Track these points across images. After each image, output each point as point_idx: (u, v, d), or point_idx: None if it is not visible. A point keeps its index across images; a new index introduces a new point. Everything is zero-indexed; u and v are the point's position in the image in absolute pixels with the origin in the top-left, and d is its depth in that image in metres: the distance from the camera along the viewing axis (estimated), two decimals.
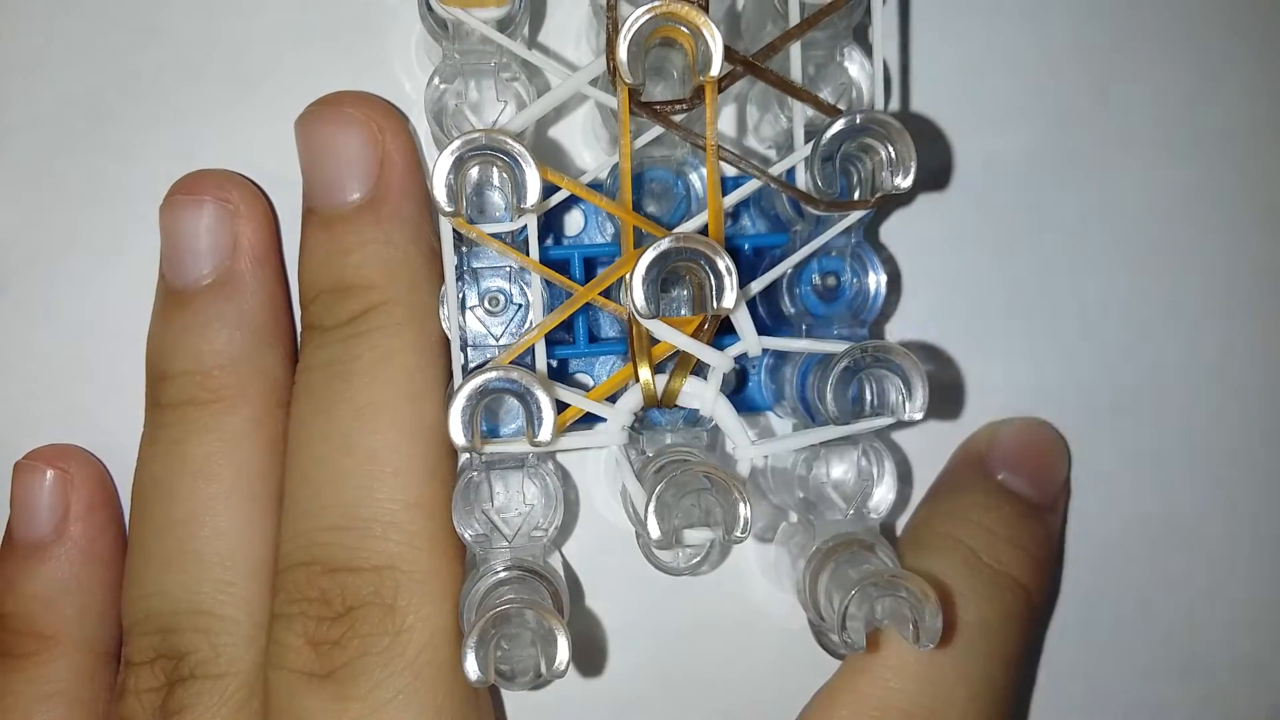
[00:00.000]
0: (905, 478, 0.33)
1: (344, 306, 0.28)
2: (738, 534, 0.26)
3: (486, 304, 0.28)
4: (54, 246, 0.32)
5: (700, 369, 0.28)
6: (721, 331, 0.28)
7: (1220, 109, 0.34)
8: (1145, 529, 0.35)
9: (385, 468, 0.28)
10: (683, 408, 0.28)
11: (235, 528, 0.29)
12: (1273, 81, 0.34)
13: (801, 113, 0.28)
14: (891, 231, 0.33)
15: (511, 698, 0.32)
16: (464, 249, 0.28)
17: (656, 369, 0.27)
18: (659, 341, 0.27)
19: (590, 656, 0.33)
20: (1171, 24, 0.34)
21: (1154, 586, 0.35)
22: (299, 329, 0.31)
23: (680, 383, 0.27)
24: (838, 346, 0.27)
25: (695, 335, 0.27)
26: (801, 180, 0.28)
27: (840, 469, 0.29)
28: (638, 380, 0.27)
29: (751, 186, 0.28)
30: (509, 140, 0.26)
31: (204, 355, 0.29)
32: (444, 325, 0.28)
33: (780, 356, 0.30)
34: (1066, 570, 0.35)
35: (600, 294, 0.27)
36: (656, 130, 0.27)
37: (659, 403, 0.27)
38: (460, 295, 0.28)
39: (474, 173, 0.27)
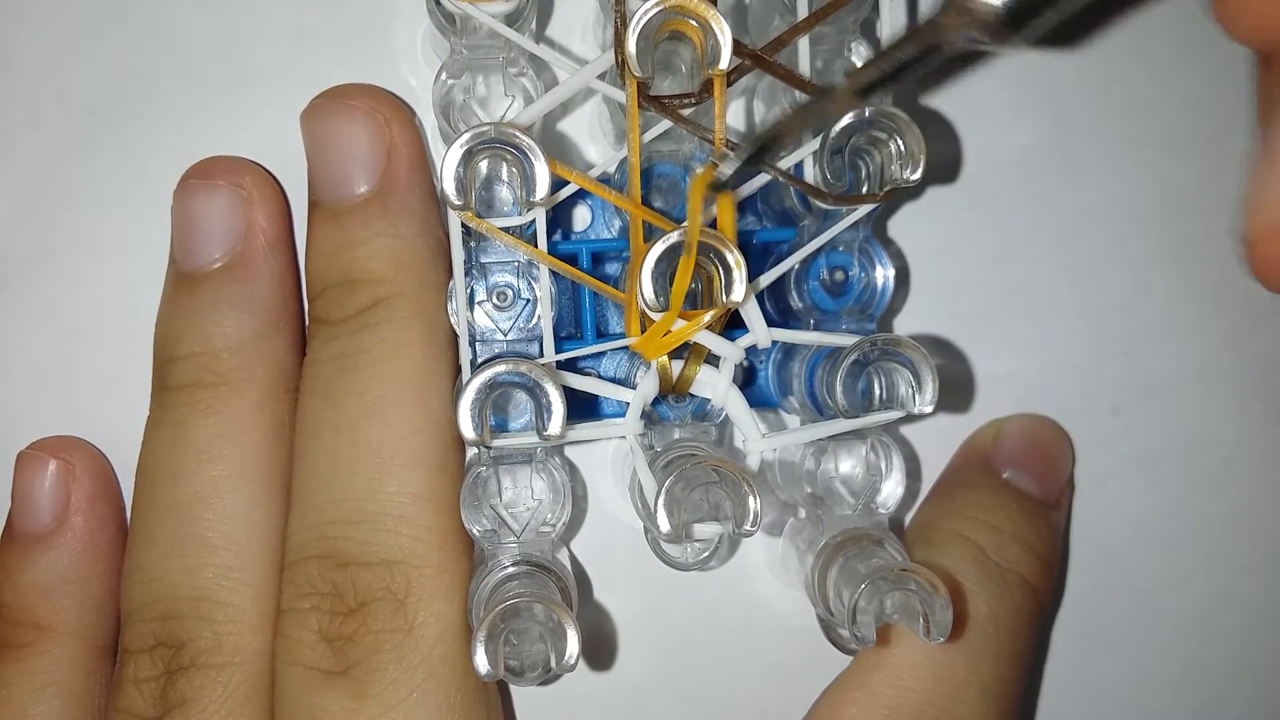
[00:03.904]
0: (914, 472, 0.34)
1: (352, 300, 0.28)
2: (747, 528, 0.26)
3: (495, 299, 0.28)
4: (54, 246, 0.32)
5: (711, 362, 0.28)
6: (731, 325, 0.28)
7: (1220, 109, 0.34)
8: (1146, 529, 0.35)
9: (394, 461, 0.28)
10: (693, 397, 0.28)
11: (240, 511, 0.29)
12: None
13: None
14: (900, 225, 0.33)
15: (519, 692, 0.32)
16: (472, 244, 0.28)
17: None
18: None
19: (598, 651, 0.33)
20: (1173, 23, 0.34)
21: (1155, 587, 0.35)
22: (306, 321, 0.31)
23: (695, 370, 0.27)
24: (846, 339, 0.27)
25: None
26: (810, 174, 0.28)
27: (849, 463, 0.29)
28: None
29: (760, 181, 0.28)
30: (518, 134, 0.26)
31: (212, 337, 0.29)
32: (452, 320, 0.28)
33: (788, 352, 0.30)
34: (1067, 571, 0.35)
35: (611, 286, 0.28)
36: (665, 124, 0.27)
37: (674, 389, 0.27)
38: (469, 290, 0.28)
39: (483, 167, 0.27)
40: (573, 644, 0.25)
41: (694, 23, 0.26)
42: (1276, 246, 0.19)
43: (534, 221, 0.27)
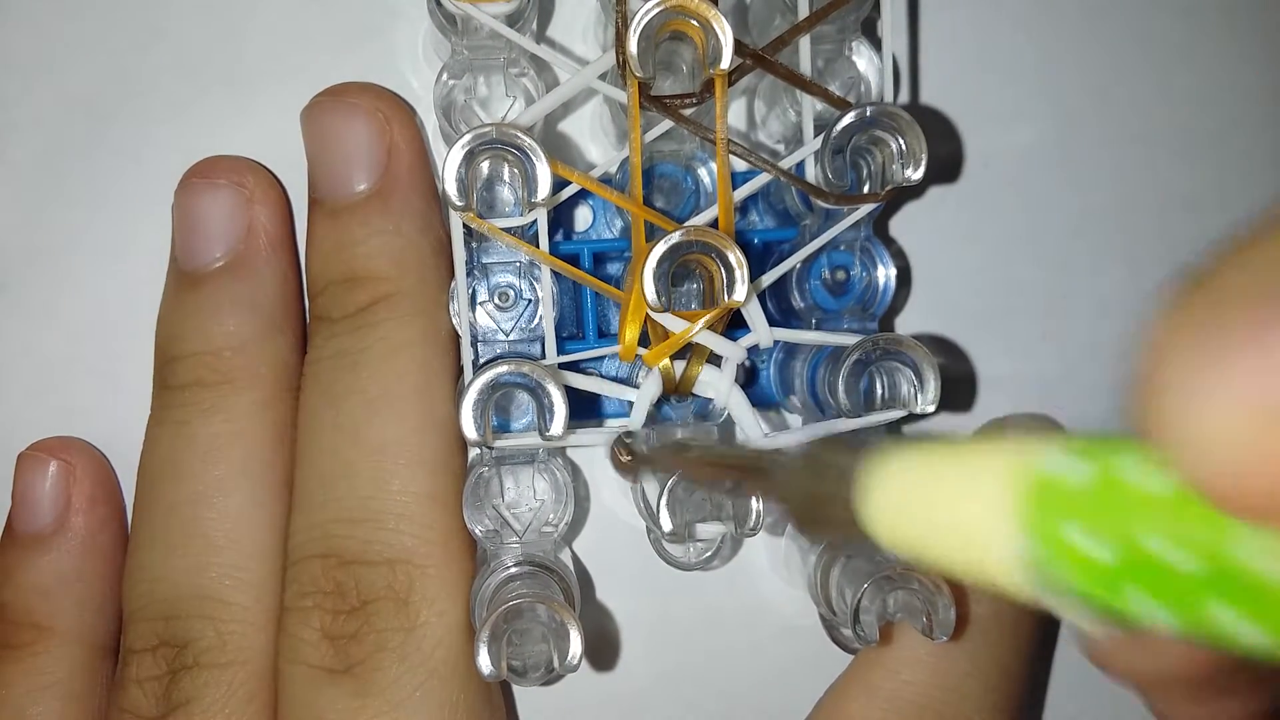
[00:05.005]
0: None
1: (353, 298, 0.28)
2: (749, 528, 0.26)
3: (496, 299, 0.28)
4: (54, 246, 0.32)
5: (714, 362, 0.28)
6: (733, 325, 0.28)
7: (1220, 109, 0.34)
8: None
9: (397, 460, 0.28)
10: (696, 397, 0.28)
11: (243, 510, 0.29)
12: (1273, 81, 0.35)
13: (811, 106, 0.28)
14: (901, 225, 0.33)
15: (522, 692, 0.32)
16: (474, 244, 0.28)
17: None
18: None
19: (601, 651, 0.33)
20: (1172, 24, 0.34)
21: None
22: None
23: (697, 370, 0.27)
24: (849, 339, 0.27)
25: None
26: (811, 174, 0.28)
27: None
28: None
29: (761, 180, 0.28)
30: (520, 134, 0.26)
31: (214, 337, 0.29)
32: (454, 321, 0.28)
33: (790, 351, 0.30)
34: None
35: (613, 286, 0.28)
36: (666, 124, 0.27)
37: (676, 389, 0.27)
38: (470, 291, 0.28)
39: (484, 167, 0.27)
40: (575, 644, 0.25)
41: (695, 23, 0.26)
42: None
43: (535, 222, 0.27)
